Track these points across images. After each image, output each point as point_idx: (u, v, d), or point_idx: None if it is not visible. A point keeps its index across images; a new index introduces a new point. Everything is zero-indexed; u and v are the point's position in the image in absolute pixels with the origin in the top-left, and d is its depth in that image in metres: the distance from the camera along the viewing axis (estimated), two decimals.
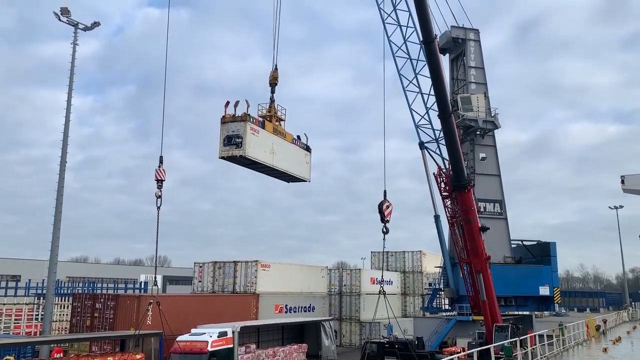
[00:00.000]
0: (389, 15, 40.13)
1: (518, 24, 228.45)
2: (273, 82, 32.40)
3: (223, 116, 29.33)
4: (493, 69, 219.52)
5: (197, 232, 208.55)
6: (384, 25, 40.24)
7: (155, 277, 24.53)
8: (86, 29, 31.53)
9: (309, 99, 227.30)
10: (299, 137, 34.57)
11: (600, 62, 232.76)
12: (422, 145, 40.66)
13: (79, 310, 29.55)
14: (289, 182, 36.20)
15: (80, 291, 41.15)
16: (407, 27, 40.12)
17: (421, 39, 30.02)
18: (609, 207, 78.98)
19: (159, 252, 24.45)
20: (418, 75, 40.33)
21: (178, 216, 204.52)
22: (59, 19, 30.51)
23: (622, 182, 60.15)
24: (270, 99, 32.57)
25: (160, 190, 23.51)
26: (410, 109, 41.01)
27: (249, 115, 29.39)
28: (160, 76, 24.11)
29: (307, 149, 35.73)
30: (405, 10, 39.89)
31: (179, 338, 23.87)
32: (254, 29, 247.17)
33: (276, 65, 32.43)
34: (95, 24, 31.67)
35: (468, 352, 25.26)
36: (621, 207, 79.47)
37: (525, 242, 44.97)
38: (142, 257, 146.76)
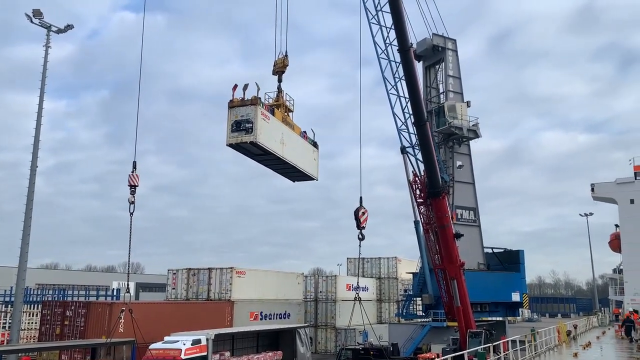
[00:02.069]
0: (374, 16, 39.37)
1: (493, 34, 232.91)
2: (280, 70, 30.41)
3: (231, 100, 27.34)
4: (469, 78, 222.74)
5: (172, 239, 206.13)
6: (370, 26, 38.76)
7: (127, 284, 24.13)
8: (59, 31, 31.04)
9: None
10: (305, 132, 32.80)
11: (572, 73, 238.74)
12: (403, 150, 40.40)
13: (48, 318, 28.87)
14: (294, 181, 34.24)
15: (50, 298, 40.28)
16: (390, 29, 39.65)
17: (397, 47, 30.21)
18: (580, 215, 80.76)
19: (132, 259, 24.09)
20: (398, 80, 39.94)
21: (153, 223, 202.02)
22: (31, 21, 29.98)
23: (592, 190, 61.75)
24: (278, 88, 30.64)
25: (134, 196, 23.10)
26: (393, 113, 40.82)
27: (259, 98, 27.35)
28: (135, 81, 23.69)
29: (315, 144, 33.76)
30: (389, 12, 39.26)
31: (152, 346, 23.48)
32: (232, 36, 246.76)
33: (286, 52, 30.49)
34: (69, 27, 31.18)
35: (442, 358, 25.43)
36: (591, 214, 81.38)
37: (495, 250, 45.66)
38: (115, 263, 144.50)
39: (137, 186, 23.20)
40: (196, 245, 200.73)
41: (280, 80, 30.62)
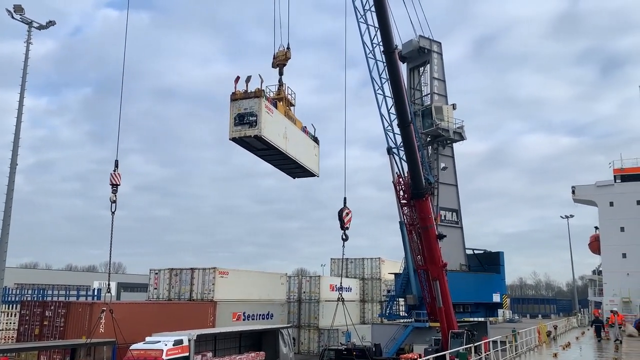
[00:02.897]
0: (362, 15, 39.02)
1: (477, 38, 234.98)
2: (282, 63, 29.46)
3: (233, 92, 26.53)
4: (453, 80, 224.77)
5: (155, 239, 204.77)
6: (359, 25, 38.22)
7: (108, 284, 23.84)
8: (41, 27, 30.63)
9: None
10: (305, 127, 32.06)
11: (555, 76, 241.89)
12: (390, 150, 40.24)
13: (27, 318, 28.44)
14: (295, 178, 33.43)
15: (29, 298, 39.67)
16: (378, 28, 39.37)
17: (382, 49, 30.29)
18: (561, 217, 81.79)
19: (114, 259, 23.85)
20: (385, 81, 39.66)
21: (135, 222, 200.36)
22: (12, 17, 29.54)
23: (573, 192, 62.61)
24: (279, 81, 29.75)
25: (115, 195, 22.84)
26: (380, 113, 40.66)
27: (263, 91, 26.46)
28: (119, 79, 23.28)
29: (316, 140, 32.93)
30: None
31: (133, 347, 23.27)
32: (217, 35, 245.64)
33: (288, 44, 29.69)
34: (51, 23, 30.79)
35: (424, 358, 25.57)
36: (572, 216, 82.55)
37: (475, 251, 46.12)
38: (96, 263, 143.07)
39: (119, 185, 22.94)
40: (179, 245, 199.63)
41: (281, 73, 29.69)
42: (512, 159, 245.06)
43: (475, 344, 27.26)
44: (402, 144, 37.44)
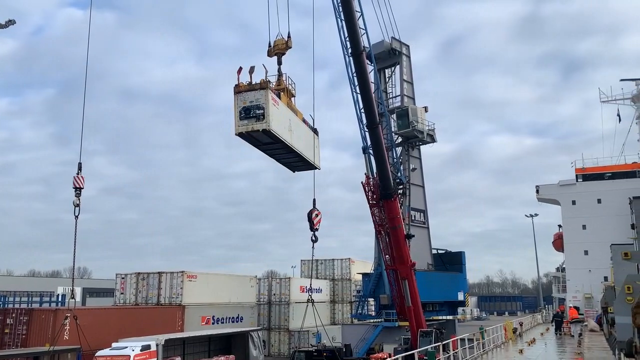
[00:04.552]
0: (340, 12, 38.40)
1: (444, 40, 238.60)
2: (281, 52, 28.04)
3: (236, 85, 25.17)
4: (419, 82, 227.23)
5: (122, 243, 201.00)
6: (337, 22, 38.12)
7: (72, 289, 23.28)
8: (0, 27, 29.74)
9: None
10: (304, 119, 30.87)
11: (518, 79, 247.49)
12: (365, 149, 40.17)
13: None
14: (294, 171, 32.19)
15: None
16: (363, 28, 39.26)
17: (350, 51, 30.35)
18: (526, 216, 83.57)
19: (79, 263, 23.29)
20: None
21: (101, 225, 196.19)
22: None
23: (537, 191, 64.19)
24: (278, 71, 28.42)
25: (79, 199, 22.33)
26: (359, 111, 40.46)
27: (268, 82, 25.23)
28: (82, 79, 22.42)
29: (315, 131, 31.68)
30: (357, 10, 39.13)
31: (99, 353, 22.83)
32: (183, 36, 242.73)
33: (289, 33, 28.32)
34: (10, 22, 29.95)
35: (394, 357, 25.78)
36: (536, 215, 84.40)
37: (439, 251, 46.89)
38: (60, 268, 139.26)
39: (83, 188, 22.44)
40: (147, 248, 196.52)
41: (279, 63, 28.32)
42: (478, 160, 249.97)
43: (444, 342, 27.60)
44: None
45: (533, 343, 34.56)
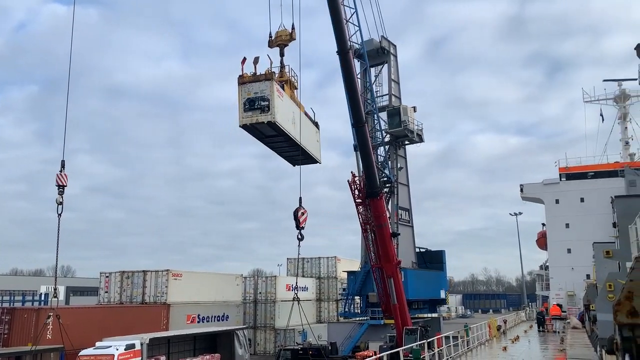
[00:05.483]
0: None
1: (430, 40, 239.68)
2: (284, 43, 27.25)
3: (240, 75, 24.60)
4: (405, 81, 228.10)
5: (107, 241, 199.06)
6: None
7: (55, 288, 22.97)
8: None
9: (229, 105, 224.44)
10: (306, 112, 30.39)
11: (504, 79, 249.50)
12: (356, 147, 40.19)
13: None
14: (295, 165, 31.53)
15: None
16: (348, 21, 39.14)
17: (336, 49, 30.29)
18: (510, 214, 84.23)
19: (64, 262, 23.02)
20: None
21: (86, 224, 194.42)
22: None
23: (521, 190, 64.69)
24: (281, 62, 27.71)
25: (62, 197, 22.05)
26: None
27: (273, 72, 24.69)
28: (66, 77, 21.97)
29: (316, 125, 31.20)
30: (351, 7, 39.34)
31: (82, 352, 22.60)
32: (169, 33, 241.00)
33: (293, 25, 27.51)
34: None
35: (379, 355, 25.87)
36: (520, 213, 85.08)
37: (421, 249, 47.22)
38: (44, 267, 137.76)
39: (66, 186, 22.16)
40: (132, 248, 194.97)
41: (282, 54, 27.67)
42: (463, 159, 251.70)
43: (429, 340, 27.76)
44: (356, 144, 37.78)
45: (517, 340, 34.89)
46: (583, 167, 60.80)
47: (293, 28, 27.56)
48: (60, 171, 22.26)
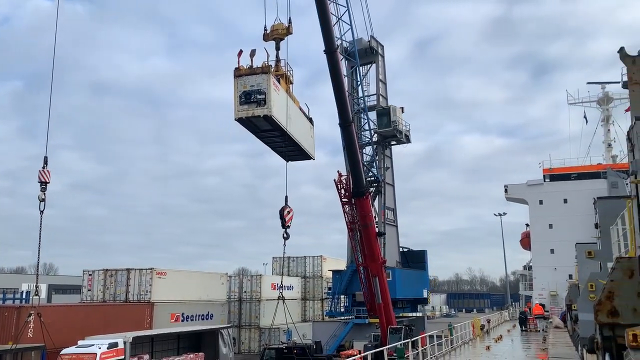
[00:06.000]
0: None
1: (417, 41, 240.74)
2: (280, 37, 26.95)
3: (236, 68, 24.39)
4: (393, 82, 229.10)
5: (90, 239, 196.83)
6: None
7: (36, 286, 22.68)
8: None
9: (216, 102, 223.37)
10: (301, 108, 30.15)
11: (489, 80, 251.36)
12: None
13: None
14: (288, 161, 31.31)
15: None
16: (339, 19, 39.39)
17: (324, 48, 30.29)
18: (494, 214, 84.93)
19: (46, 260, 22.72)
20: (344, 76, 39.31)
21: (69, 222, 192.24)
22: None
23: (506, 191, 65.25)
24: (277, 56, 27.48)
25: (44, 193, 21.76)
26: None
27: (270, 66, 24.48)
28: (50, 72, 21.73)
29: (311, 121, 30.95)
30: (343, 5, 39.30)
31: (64, 351, 22.36)
32: (156, 30, 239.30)
33: (289, 19, 27.35)
34: None
35: (363, 354, 25.94)
36: (504, 214, 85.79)
37: (403, 249, 47.47)
38: (25, 265, 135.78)
39: (48, 183, 21.87)
40: (115, 245, 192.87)
41: (278, 49, 27.44)
42: (448, 159, 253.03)
43: (413, 339, 27.89)
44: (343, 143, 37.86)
45: (500, 340, 35.18)
46: (566, 168, 61.50)
47: (290, 22, 27.39)
48: (43, 167, 21.96)
